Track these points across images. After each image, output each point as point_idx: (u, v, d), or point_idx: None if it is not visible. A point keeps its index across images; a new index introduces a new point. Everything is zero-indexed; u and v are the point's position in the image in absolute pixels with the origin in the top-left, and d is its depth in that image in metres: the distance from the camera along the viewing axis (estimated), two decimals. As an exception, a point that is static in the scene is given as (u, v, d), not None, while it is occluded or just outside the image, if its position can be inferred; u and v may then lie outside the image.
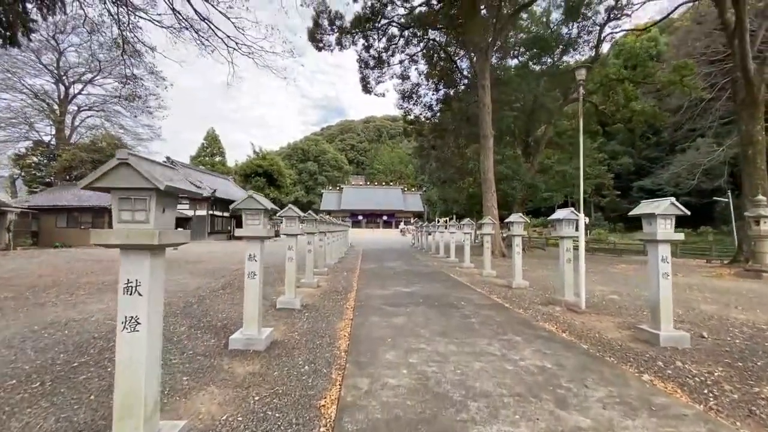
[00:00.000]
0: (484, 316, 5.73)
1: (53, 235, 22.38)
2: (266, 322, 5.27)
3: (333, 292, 7.87)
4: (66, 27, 27.90)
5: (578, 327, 5.25)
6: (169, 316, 5.60)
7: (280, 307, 6.16)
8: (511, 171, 17.92)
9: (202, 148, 49.98)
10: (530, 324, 5.37)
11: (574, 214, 6.61)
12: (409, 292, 7.84)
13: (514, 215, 8.74)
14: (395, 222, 60.51)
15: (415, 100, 21.98)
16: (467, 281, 9.67)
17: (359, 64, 20.01)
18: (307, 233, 8.42)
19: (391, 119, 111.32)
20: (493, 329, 5.00)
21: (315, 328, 5.02)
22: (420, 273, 11.40)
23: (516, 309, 6.38)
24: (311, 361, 3.79)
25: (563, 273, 6.63)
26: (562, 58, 19.84)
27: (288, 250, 6.26)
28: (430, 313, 5.96)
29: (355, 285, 8.81)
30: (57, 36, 30.64)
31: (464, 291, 8.16)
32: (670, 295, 4.56)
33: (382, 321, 5.41)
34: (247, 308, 4.19)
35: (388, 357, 3.89)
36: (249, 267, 4.18)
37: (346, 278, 9.99)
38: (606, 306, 6.72)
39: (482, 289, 8.37)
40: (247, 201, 4.20)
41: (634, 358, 4.01)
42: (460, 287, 8.71)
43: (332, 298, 7.22)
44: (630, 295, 7.95)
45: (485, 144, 16.31)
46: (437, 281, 9.62)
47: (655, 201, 4.71)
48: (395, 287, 8.51)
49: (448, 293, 7.80)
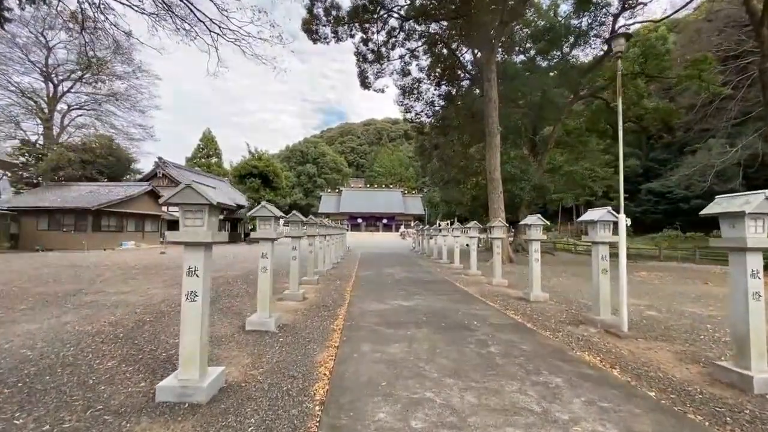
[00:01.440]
0: (506, 343, 4.54)
1: (34, 238, 21.20)
2: (224, 352, 4.08)
3: (320, 306, 6.68)
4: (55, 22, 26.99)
5: (629, 360, 4.06)
6: (105, 342, 4.42)
7: (249, 329, 4.97)
8: (519, 171, 16.76)
9: (198, 149, 48.79)
10: (566, 355, 4.17)
11: (611, 215, 5.44)
12: (411, 308, 6.65)
13: (532, 216, 7.57)
14: (395, 225, 59.29)
15: (416, 96, 20.85)
16: (476, 292, 8.47)
17: (357, 57, 18.90)
18: (291, 237, 7.24)
19: (391, 122, 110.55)
20: (520, 364, 3.81)
21: (287, 363, 3.83)
22: (422, 282, 10.20)
23: (542, 331, 5.19)
24: (268, 426, 2.59)
25: (598, 286, 5.44)
26: (572, 52, 18.76)
27: (261, 258, 5.08)
28: (437, 337, 4.76)
29: (348, 297, 7.62)
30: (45, 32, 29.76)
31: (475, 305, 6.96)
32: (763, 323, 3.38)
33: (376, 350, 4.22)
34: (185, 341, 3.01)
35: (380, 416, 2.70)
36: (187, 285, 3.02)
37: (339, 288, 8.79)
38: (650, 327, 5.53)
39: (495, 303, 7.18)
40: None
41: (730, 416, 2.82)
42: (469, 300, 7.51)
43: (318, 315, 6.03)
44: (671, 310, 6.76)
45: (491, 142, 15.17)
46: (442, 292, 8.42)
47: (741, 196, 3.54)
48: (394, 300, 7.31)
49: (456, 308, 6.60)
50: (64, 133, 32.76)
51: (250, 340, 4.59)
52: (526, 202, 18.20)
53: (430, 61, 20.77)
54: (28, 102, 30.55)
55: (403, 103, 21.33)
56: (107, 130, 33.13)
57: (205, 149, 49.10)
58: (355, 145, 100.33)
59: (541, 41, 18.16)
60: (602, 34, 17.39)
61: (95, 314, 5.86)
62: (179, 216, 3.06)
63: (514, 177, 16.63)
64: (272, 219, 5.15)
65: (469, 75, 20.87)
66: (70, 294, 7.68)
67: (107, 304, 6.63)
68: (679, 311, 6.71)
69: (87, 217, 21.00)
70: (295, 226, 7.30)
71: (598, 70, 17.83)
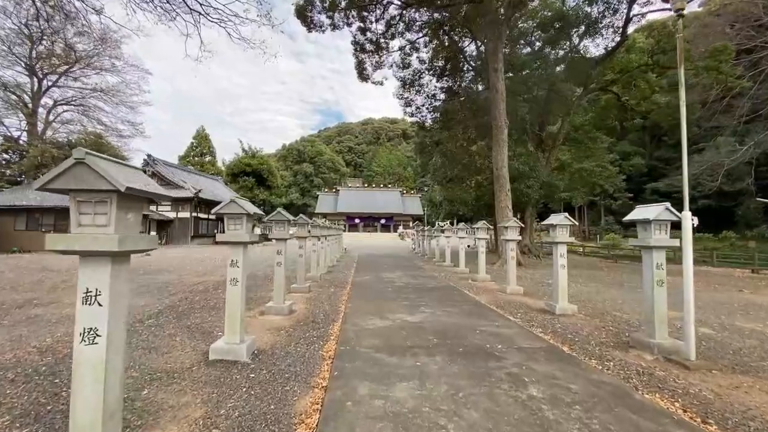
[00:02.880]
0: (547, 380, 3.46)
1: (11, 238, 19.94)
2: (171, 397, 2.96)
3: (309, 323, 5.58)
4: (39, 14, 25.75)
5: (720, 407, 2.99)
6: (14, 382, 3.31)
7: (214, 358, 3.87)
8: (527, 167, 15.69)
9: (191, 148, 47.27)
10: (634, 400, 3.10)
11: (670, 213, 4.40)
12: (417, 325, 5.56)
13: (557, 216, 6.51)
14: (393, 225, 58.20)
15: (417, 89, 19.72)
16: (490, 302, 7.39)
17: (354, 47, 17.75)
18: (275, 240, 6.14)
19: (390, 121, 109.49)
20: (579, 419, 2.73)
21: (254, 417, 2.74)
22: (426, 289, 9.12)
23: (586, 359, 4.12)
24: None
25: (652, 302, 4.38)
26: (581, 43, 17.75)
27: (230, 267, 3.98)
28: (455, 371, 3.68)
29: (343, 309, 6.52)
30: (30, 24, 28.45)
31: (493, 320, 5.88)
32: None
33: (377, 394, 3.13)
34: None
35: None
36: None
37: (332, 298, 7.69)
38: (715, 351, 4.48)
39: (516, 317, 6.11)
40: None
41: None
42: (484, 313, 6.43)
43: (305, 335, 4.93)
44: (724, 327, 5.71)
45: (498, 136, 14.11)
46: (451, 302, 7.34)
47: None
48: (396, 314, 6.22)
49: (471, 325, 5.52)
50: (49, 129, 31.47)
51: (211, 376, 3.49)
52: (533, 201, 17.16)
53: (431, 52, 19.68)
54: (11, 96, 29.26)
55: (403, 96, 20.20)
56: (94, 126, 31.87)
57: (199, 147, 47.68)
58: (353, 144, 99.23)
59: (550, 30, 17.11)
60: (615, 23, 16.39)
61: (29, 335, 4.74)
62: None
63: (522, 174, 15.57)
64: (244, 217, 4.05)
65: (472, 66, 19.80)
66: (18, 305, 6.56)
67: (52, 320, 5.51)
68: (735, 328, 5.66)
69: (67, 217, 19.75)
70: (280, 226, 6.21)
71: (609, 62, 16.82)
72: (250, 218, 4.16)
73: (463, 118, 18.51)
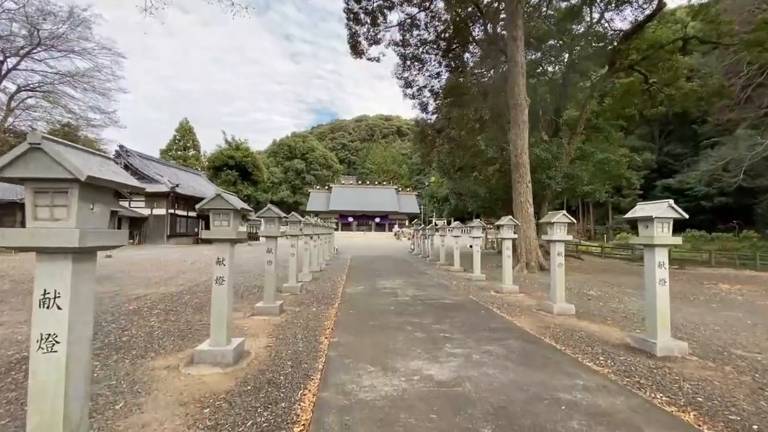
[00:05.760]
0: None
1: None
2: None
3: (263, 385, 3.24)
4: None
5: None
6: None
7: None
8: (550, 155, 13.46)
9: (174, 141, 44.15)
10: None
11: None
12: (451, 391, 3.25)
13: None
14: (389, 224, 55.82)
15: (418, 66, 17.40)
16: (542, 332, 5.11)
17: (347, 15, 15.32)
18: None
19: (384, 118, 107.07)
20: None
21: None
22: (442, 306, 6.83)
23: None
24: None
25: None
26: (605, 15, 15.59)
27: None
28: None
29: (324, 351, 4.19)
30: (-14, -1, 25.48)
31: (569, 373, 3.60)
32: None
33: None
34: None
35: None
36: None
37: (312, 326, 5.33)
38: None
39: (598, 363, 3.84)
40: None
41: None
42: (549, 357, 4.13)
43: (246, 425, 2.59)
44: None
45: (518, 116, 11.89)
46: (488, 333, 5.04)
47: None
48: (409, 360, 3.91)
49: (541, 388, 3.24)
50: (11, 116, 28.51)
51: None
52: (551, 195, 15.01)
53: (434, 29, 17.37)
54: (-35, 80, 26.28)
55: (402, 76, 17.85)
56: (61, 114, 28.97)
57: (182, 141, 44.67)
58: (347, 141, 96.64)
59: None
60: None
61: None
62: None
63: (544, 162, 13.35)
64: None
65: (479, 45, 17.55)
66: None
67: None
68: None
69: (15, 211, 17.12)
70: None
71: (641, 35, 14.70)
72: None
73: (472, 99, 16.22)
